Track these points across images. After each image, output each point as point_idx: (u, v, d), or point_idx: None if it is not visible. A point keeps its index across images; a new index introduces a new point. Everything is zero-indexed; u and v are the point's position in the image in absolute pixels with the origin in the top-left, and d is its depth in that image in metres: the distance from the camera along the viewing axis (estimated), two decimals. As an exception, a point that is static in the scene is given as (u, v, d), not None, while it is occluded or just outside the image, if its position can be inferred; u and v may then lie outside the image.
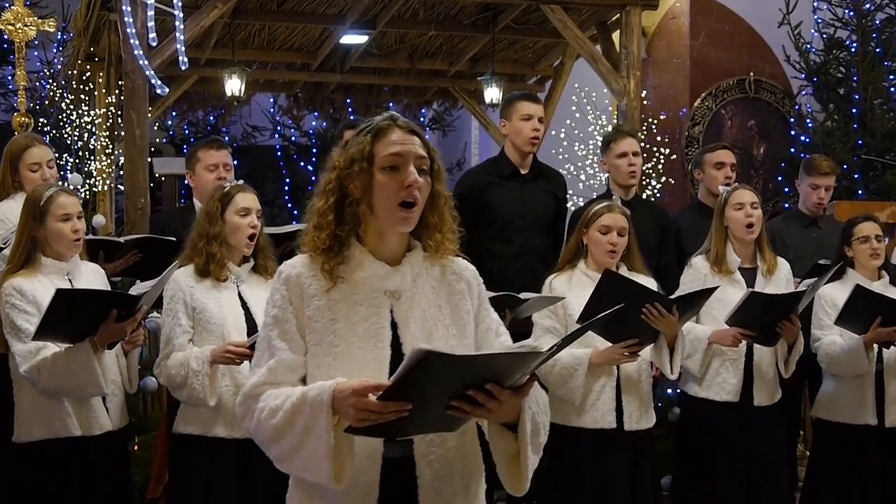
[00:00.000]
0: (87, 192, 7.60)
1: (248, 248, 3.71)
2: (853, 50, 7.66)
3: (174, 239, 4.29)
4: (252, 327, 3.59)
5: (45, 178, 4.46)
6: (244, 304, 3.68)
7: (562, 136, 8.69)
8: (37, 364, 3.48)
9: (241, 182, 3.82)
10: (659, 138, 8.10)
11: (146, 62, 5.96)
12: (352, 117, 9.89)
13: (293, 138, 11.64)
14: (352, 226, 2.20)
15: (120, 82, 7.15)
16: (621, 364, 3.96)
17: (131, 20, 5.94)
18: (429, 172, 2.21)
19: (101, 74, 8.41)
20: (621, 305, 3.09)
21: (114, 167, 8.01)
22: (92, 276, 3.80)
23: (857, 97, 7.51)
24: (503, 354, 2.06)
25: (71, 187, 3.98)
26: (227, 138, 11.13)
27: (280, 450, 2.13)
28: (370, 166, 2.17)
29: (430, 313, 2.23)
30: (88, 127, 7.80)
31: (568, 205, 5.17)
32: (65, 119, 7.76)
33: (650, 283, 4.08)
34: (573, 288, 4.04)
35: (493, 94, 9.07)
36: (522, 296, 3.79)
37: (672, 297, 4.00)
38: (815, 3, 7.77)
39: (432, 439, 2.15)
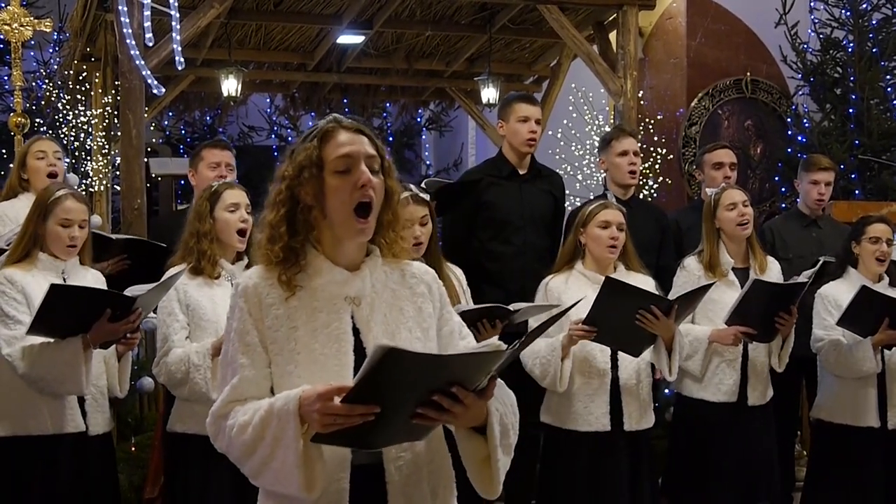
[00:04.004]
0: (84, 193, 7.59)
1: (241, 244, 3.71)
2: (850, 50, 7.66)
3: (164, 245, 4.29)
4: None
5: (50, 164, 4.55)
6: None
7: (559, 136, 8.69)
8: (21, 348, 3.48)
9: (228, 180, 3.84)
10: (656, 138, 8.10)
11: (142, 62, 5.95)
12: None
13: (290, 138, 11.62)
14: (305, 234, 2.15)
15: (116, 82, 7.14)
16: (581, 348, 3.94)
17: (128, 20, 5.93)
18: (380, 170, 2.17)
19: (97, 74, 8.40)
20: (619, 316, 3.11)
21: (110, 167, 8.00)
22: (91, 281, 3.78)
23: (853, 97, 7.51)
24: (466, 354, 2.03)
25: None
26: (223, 138, 11.15)
27: (252, 465, 2.10)
28: (320, 171, 2.12)
29: (391, 317, 2.19)
30: (85, 127, 7.80)
31: (566, 205, 5.17)
32: (61, 119, 7.76)
33: (648, 281, 4.09)
34: (570, 288, 4.04)
35: (490, 94, 9.06)
36: (512, 307, 3.78)
37: (672, 298, 3.99)
38: (812, 3, 7.77)
39: (401, 444, 2.12)
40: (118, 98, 6.74)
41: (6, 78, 9.37)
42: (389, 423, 1.98)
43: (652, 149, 8.04)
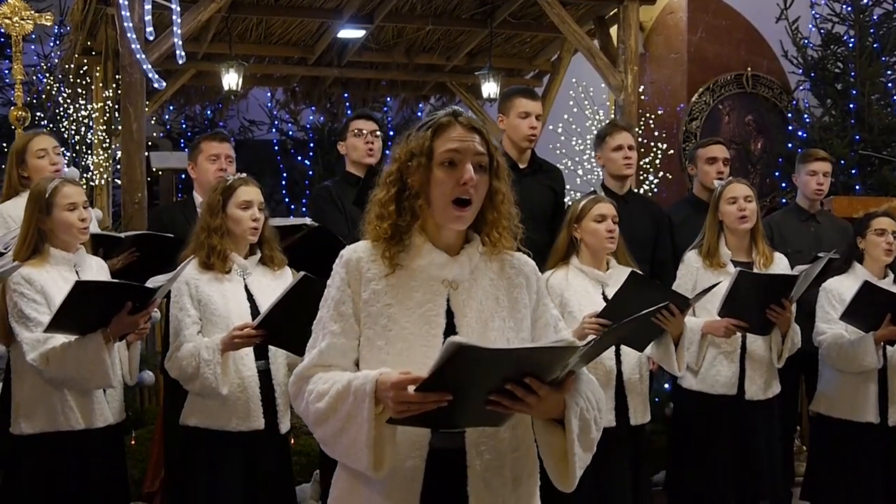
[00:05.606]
0: (85, 187, 7.59)
1: (254, 236, 3.71)
2: (851, 45, 7.66)
3: (172, 236, 4.29)
4: None
5: (53, 162, 4.49)
6: (250, 297, 3.68)
7: (559, 131, 8.69)
8: (45, 352, 3.48)
9: (244, 175, 3.81)
10: (656, 133, 8.10)
11: (143, 56, 5.96)
12: (349, 111, 9.88)
13: (290, 133, 11.61)
14: (411, 217, 2.24)
15: (117, 76, 7.15)
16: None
17: (128, 14, 5.94)
18: (488, 169, 2.24)
19: (98, 68, 8.39)
20: (647, 311, 3.16)
21: (111, 161, 8.00)
22: (97, 269, 3.80)
23: (854, 92, 7.51)
24: (539, 348, 2.06)
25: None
26: (222, 130, 11.14)
27: (323, 433, 2.16)
28: (429, 161, 2.20)
29: (487, 305, 2.25)
30: (85, 121, 7.79)
31: (566, 199, 5.16)
32: (62, 113, 7.76)
33: None
34: (572, 285, 4.05)
35: (490, 88, 9.07)
36: None
37: (691, 297, 4.00)
38: (813, -1, 7.77)
39: (484, 430, 2.16)
40: (119, 92, 6.75)
41: (7, 71, 9.37)
42: (464, 409, 2.02)
43: (652, 144, 8.04)
